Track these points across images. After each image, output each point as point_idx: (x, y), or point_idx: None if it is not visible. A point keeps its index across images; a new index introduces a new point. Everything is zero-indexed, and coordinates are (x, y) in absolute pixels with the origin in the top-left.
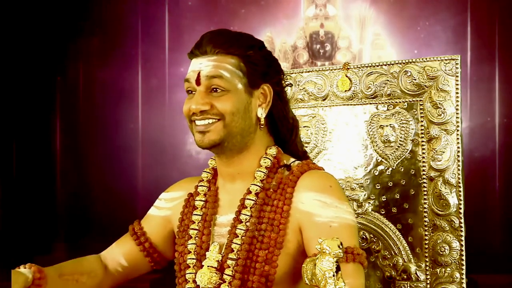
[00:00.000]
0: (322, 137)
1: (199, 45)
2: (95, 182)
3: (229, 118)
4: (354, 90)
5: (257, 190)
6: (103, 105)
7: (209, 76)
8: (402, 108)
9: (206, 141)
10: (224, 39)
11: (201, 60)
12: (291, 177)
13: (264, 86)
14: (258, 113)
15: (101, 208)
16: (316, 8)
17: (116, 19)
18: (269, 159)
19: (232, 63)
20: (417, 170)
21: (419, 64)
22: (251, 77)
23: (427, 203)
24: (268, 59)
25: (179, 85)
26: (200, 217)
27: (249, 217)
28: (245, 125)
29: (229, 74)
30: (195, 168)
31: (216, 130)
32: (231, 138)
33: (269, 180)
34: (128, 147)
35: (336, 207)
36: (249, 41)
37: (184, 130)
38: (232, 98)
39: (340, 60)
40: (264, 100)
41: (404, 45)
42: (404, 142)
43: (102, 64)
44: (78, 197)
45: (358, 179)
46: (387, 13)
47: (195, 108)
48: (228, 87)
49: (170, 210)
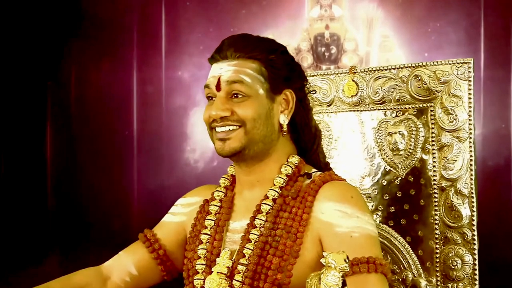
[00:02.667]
0: (327, 145)
1: (219, 50)
2: (88, 191)
3: (251, 124)
4: (361, 95)
5: (274, 196)
6: (96, 110)
7: (230, 81)
8: (411, 114)
9: (226, 149)
10: (245, 43)
11: (221, 65)
12: (312, 186)
13: (286, 92)
14: (280, 119)
15: (94, 218)
16: (321, 9)
17: (110, 20)
18: (290, 166)
19: (253, 67)
20: (427, 180)
21: (430, 67)
22: (273, 82)
23: (438, 214)
24: (290, 64)
25: (176, 89)
26: (213, 222)
27: (264, 222)
28: (267, 131)
29: (250, 79)
30: (193, 177)
31: (237, 137)
32: (253, 145)
33: (288, 187)
34: (122, 155)
35: (358, 218)
36: (271, 45)
37: (181, 137)
38: (253, 104)
39: (346, 63)
40: (287, 106)
41: (413, 47)
42: (413, 150)
43: (95, 68)
44: (71, 207)
45: (365, 189)
46: (396, 13)
47: (215, 115)
48: (249, 92)
49: (185, 216)
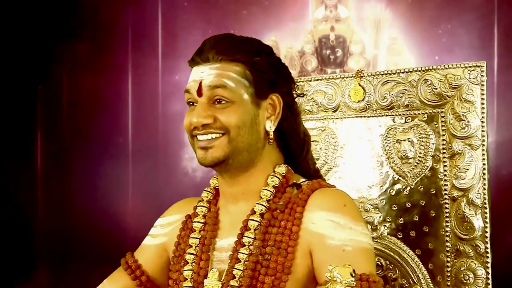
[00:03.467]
0: (332, 153)
1: (200, 52)
2: (79, 202)
3: (235, 132)
4: (368, 100)
5: (262, 211)
6: (89, 116)
7: (212, 86)
8: (421, 121)
9: (209, 158)
10: (228, 44)
11: (202, 68)
12: (301, 196)
13: (272, 96)
14: (267, 126)
15: (86, 232)
16: (325, 9)
17: (103, 22)
18: (277, 177)
19: (237, 71)
20: (438, 190)
21: (441, 71)
22: (258, 86)
23: (450, 226)
24: (277, 66)
25: (173, 94)
26: (198, 241)
27: (252, 240)
28: (252, 139)
29: (233, 84)
30: (191, 187)
31: (220, 146)
32: (237, 154)
33: (276, 200)
34: (116, 164)
35: (351, 229)
36: (256, 46)
37: (179, 145)
38: (237, 110)
39: (352, 67)
40: (273, 112)
41: (423, 50)
42: (423, 159)
43: (88, 72)
44: (61, 219)
45: (372, 200)
46: (405, 14)
47: (196, 122)
48: (233, 98)
49: (166, 237)
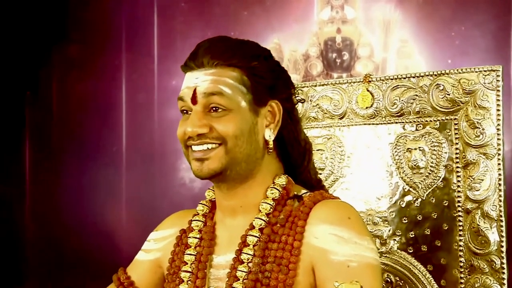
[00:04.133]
0: (339, 162)
1: (194, 56)
2: (69, 215)
3: (232, 142)
4: (376, 106)
5: (261, 225)
6: (80, 124)
7: (207, 93)
8: (433, 128)
9: (205, 170)
10: (224, 48)
11: (197, 74)
12: (302, 208)
13: (272, 103)
14: (266, 135)
15: (76, 246)
16: (331, 10)
17: (95, 23)
18: (277, 189)
19: (233, 76)
20: (451, 201)
21: (454, 76)
22: (257, 93)
23: (463, 240)
24: (276, 71)
25: (170, 100)
26: (193, 257)
27: (251, 257)
28: (251, 150)
29: (230, 90)
30: (189, 198)
31: (217, 157)
32: (235, 165)
33: (276, 213)
34: (109, 174)
35: (355, 243)
36: (253, 50)
37: (176, 154)
38: (235, 119)
39: (360, 71)
40: (272, 120)
41: (435, 53)
42: (435, 169)
43: (79, 76)
44: (51, 233)
45: (381, 212)
46: (416, 15)
47: (191, 131)
48: (230, 105)
49: (160, 252)
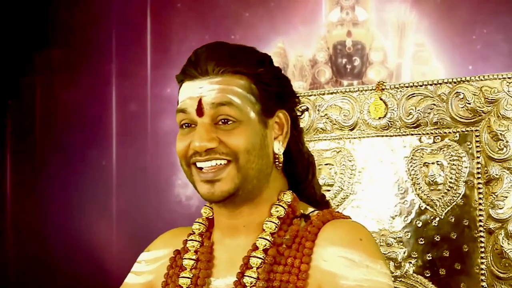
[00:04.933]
0: (349, 178)
1: (196, 63)
2: (55, 235)
3: (244, 158)
4: (390, 117)
5: (266, 246)
6: (66, 135)
7: (216, 103)
8: (452, 141)
9: (217, 193)
10: (228, 54)
11: (200, 83)
12: (310, 229)
13: (279, 113)
14: (275, 148)
15: (62, 268)
16: (341, 11)
17: (84, 26)
18: (282, 207)
19: (241, 85)
20: (471, 221)
21: (475, 83)
22: (265, 102)
23: (485, 263)
24: (280, 78)
25: (164, 110)
26: (189, 281)
27: (255, 280)
28: (262, 165)
29: (240, 100)
30: (185, 217)
31: (229, 177)
32: (247, 184)
33: (282, 233)
34: (98, 190)
35: (367, 267)
36: (257, 55)
37: (171, 168)
38: (246, 131)
39: (372, 78)
40: (280, 131)
41: (455, 58)
42: (455, 185)
43: (65, 83)
44: (35, 253)
45: (395, 232)
46: (433, 17)
47: (199, 146)
48: (240, 116)
49: (152, 274)
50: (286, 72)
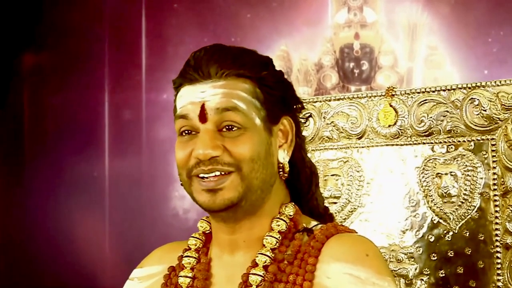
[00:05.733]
0: (357, 190)
1: (197, 66)
2: (44, 250)
3: (248, 167)
4: (401, 124)
5: (266, 262)
6: (55, 144)
7: (221, 108)
8: (467, 150)
9: (219, 202)
10: (231, 56)
11: (202, 87)
12: (313, 244)
13: (284, 120)
14: (280, 157)
15: (54, 287)
16: (348, 12)
17: (75, 27)
18: (284, 220)
19: (246, 89)
20: (487, 235)
21: (491, 89)
22: (270, 108)
23: (502, 280)
24: (284, 82)
25: (160, 117)
26: None
27: None
28: (267, 175)
29: (245, 105)
30: (182, 232)
31: (233, 185)
32: (250, 194)
33: (283, 248)
34: (89, 203)
35: (374, 285)
36: (259, 57)
37: (167, 179)
38: (251, 139)
39: (381, 83)
40: (285, 139)
41: (469, 62)
42: (469, 197)
43: (54, 88)
44: (23, 271)
45: (406, 247)
46: (447, 18)
47: (203, 154)
48: (246, 123)
49: None
50: (289, 77)
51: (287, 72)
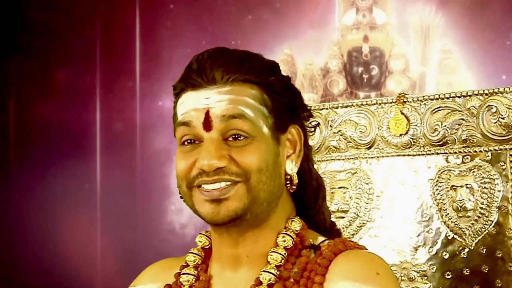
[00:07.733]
0: (366, 203)
1: (201, 70)
2: (33, 268)
3: (256, 178)
4: (413, 133)
5: (271, 280)
6: (44, 154)
7: (227, 116)
8: (483, 161)
9: (223, 213)
10: (237, 59)
11: (206, 93)
12: (320, 261)
13: (291, 129)
14: (287, 168)
15: None
16: (357, 14)
17: (64, 30)
18: (290, 236)
19: (253, 95)
20: (505, 252)
21: (509, 95)
22: (278, 116)
23: None
24: (291, 88)
25: (156, 126)
26: None
27: None
28: (274, 187)
29: (252, 113)
30: (179, 248)
31: (237, 195)
32: (256, 207)
33: (289, 266)
34: (81, 217)
35: None
36: (265, 62)
37: (163, 192)
38: (259, 149)
39: (392, 89)
40: (293, 149)
41: (486, 67)
42: (486, 211)
43: (43, 97)
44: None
45: (419, 265)
46: (462, 20)
47: (207, 165)
48: (253, 131)
49: None
50: (294, 83)
51: (291, 77)
